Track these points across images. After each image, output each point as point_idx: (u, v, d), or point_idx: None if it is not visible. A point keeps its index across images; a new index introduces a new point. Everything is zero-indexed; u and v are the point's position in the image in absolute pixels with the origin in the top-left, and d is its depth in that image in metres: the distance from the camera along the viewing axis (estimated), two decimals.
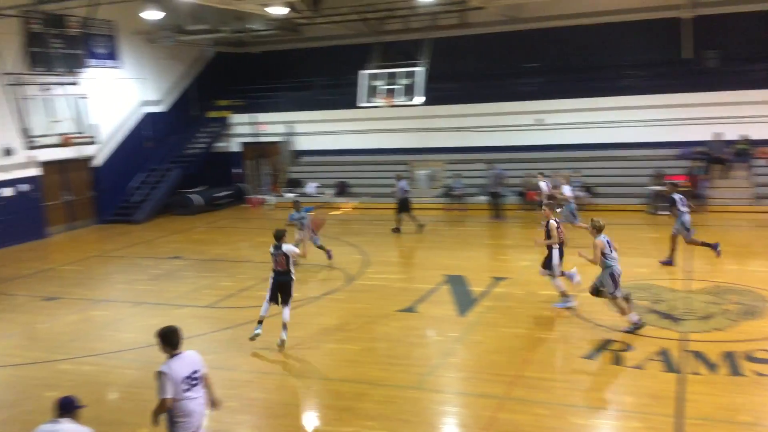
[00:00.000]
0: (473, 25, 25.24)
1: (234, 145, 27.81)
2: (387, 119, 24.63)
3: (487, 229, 19.64)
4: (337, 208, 23.95)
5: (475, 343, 10.33)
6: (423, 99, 21.53)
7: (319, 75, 27.10)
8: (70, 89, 17.16)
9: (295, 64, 28.34)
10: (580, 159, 22.71)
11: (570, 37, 24.42)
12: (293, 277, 10.47)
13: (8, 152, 19.42)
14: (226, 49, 28.57)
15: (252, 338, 10.43)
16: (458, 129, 24.38)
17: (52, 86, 17.20)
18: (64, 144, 16.95)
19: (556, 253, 11.46)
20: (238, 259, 17.08)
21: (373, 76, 22.30)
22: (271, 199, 25.19)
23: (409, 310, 12.06)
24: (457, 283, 13.57)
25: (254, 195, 26.10)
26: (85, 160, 22.38)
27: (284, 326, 10.28)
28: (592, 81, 23.18)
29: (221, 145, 27.60)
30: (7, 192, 19.66)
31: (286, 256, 10.34)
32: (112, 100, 22.94)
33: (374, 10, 22.23)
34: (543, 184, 18.56)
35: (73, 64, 18.72)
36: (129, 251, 18.37)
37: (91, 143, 18.64)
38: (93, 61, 22.25)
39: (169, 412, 6.06)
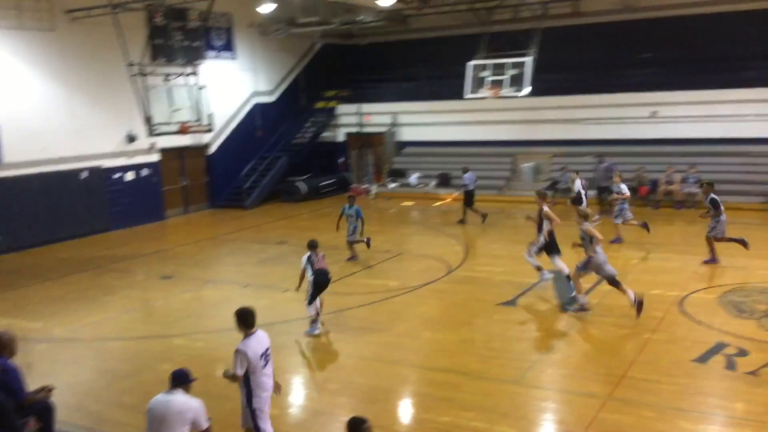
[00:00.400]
0: (587, 14, 24.48)
1: (339, 135, 28.32)
2: (492, 110, 24.32)
3: (595, 225, 19.01)
4: (439, 200, 23.93)
5: (578, 341, 10.09)
6: (529, 90, 21.11)
7: (425, 66, 27.11)
8: (189, 80, 17.98)
9: (401, 55, 28.46)
10: (697, 154, 21.61)
11: (688, 27, 23.20)
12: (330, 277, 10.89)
13: (132, 139, 20.69)
14: (335, 40, 29.09)
15: (309, 334, 10.69)
16: (567, 121, 23.76)
17: (172, 76, 18.10)
18: (183, 132, 17.81)
19: (541, 238, 12.52)
20: (341, 246, 17.39)
21: (480, 67, 22.06)
22: (373, 188, 25.48)
23: (511, 303, 11.92)
24: (561, 278, 13.26)
25: (357, 184, 26.49)
26: (200, 148, 23.50)
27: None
28: (711, 72, 21.96)
29: (327, 135, 28.17)
30: (130, 176, 20.94)
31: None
32: (226, 90, 23.91)
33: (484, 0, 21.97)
34: (578, 182, 17.80)
35: (192, 56, 19.63)
36: (239, 235, 19.11)
37: (208, 131, 19.49)
38: (210, 53, 23.33)
39: (248, 387, 6.48)
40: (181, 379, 6.10)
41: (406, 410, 8.38)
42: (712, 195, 13.65)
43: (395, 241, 17.65)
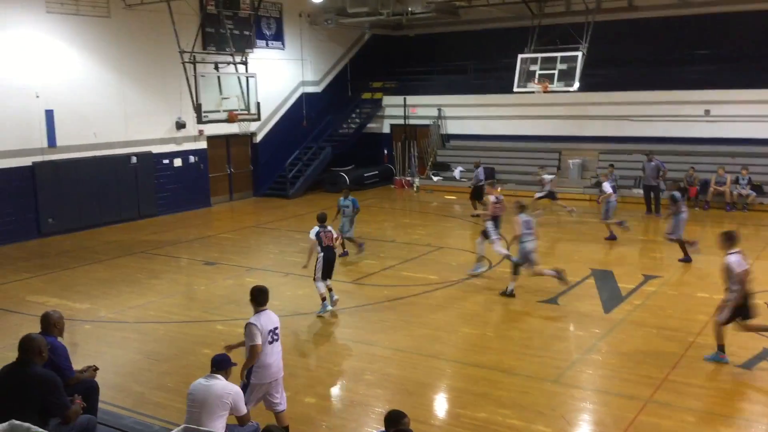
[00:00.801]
0: (641, 8, 23.93)
1: (385, 127, 28.31)
2: (539, 105, 24.04)
3: (641, 224, 18.71)
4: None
5: (619, 342, 9.93)
6: (578, 85, 20.78)
7: (473, 58, 26.89)
8: (238, 68, 18.20)
9: (448, 47, 28.29)
10: (750, 155, 21.02)
11: (744, 23, 22.50)
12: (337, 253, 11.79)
13: (181, 126, 21.05)
14: (383, 31, 29.06)
15: (320, 315, 11.18)
16: (615, 117, 23.33)
17: (222, 65, 18.33)
18: (231, 120, 18.02)
19: (489, 224, 13.27)
20: (382, 238, 17.44)
21: (530, 61, 21.77)
22: (416, 181, 25.44)
23: (551, 301, 11.80)
24: (603, 278, 13.09)
25: (401, 176, 26.47)
26: (247, 136, 23.78)
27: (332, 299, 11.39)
28: (767, 71, 21.30)
29: (372, 126, 28.20)
30: (178, 163, 21.31)
31: (332, 234, 11.43)
32: (274, 79, 24.11)
33: None
34: (547, 177, 18.00)
35: (242, 45, 19.82)
36: (281, 224, 19.30)
37: (255, 120, 19.71)
38: (260, 42, 23.56)
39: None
40: (221, 365, 6.23)
41: (441, 404, 8.38)
42: None
43: (437, 235, 17.61)
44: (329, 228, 11.39)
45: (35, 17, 17.40)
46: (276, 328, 6.95)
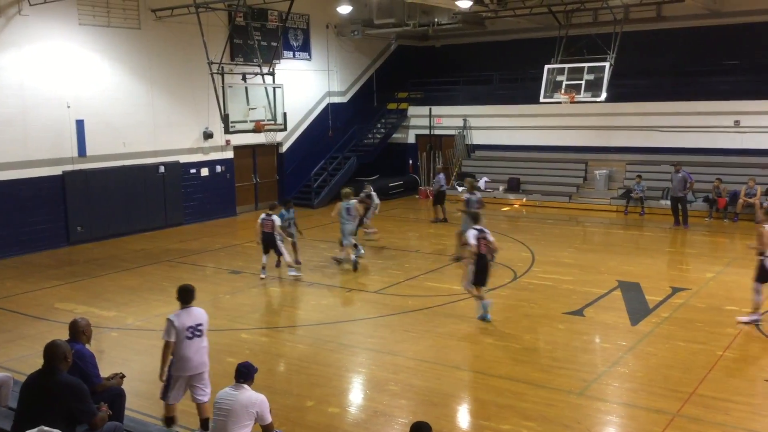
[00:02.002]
0: (670, 18, 23.73)
1: (410, 137, 28.35)
2: (566, 115, 23.90)
3: (669, 236, 18.48)
4: (507, 205, 23.68)
5: (646, 355, 9.80)
6: (605, 95, 20.65)
7: (499, 69, 26.85)
8: (266, 79, 18.38)
9: (475, 57, 28.28)
10: None
11: None
12: (276, 237, 14.06)
13: (208, 136, 21.29)
14: (409, 42, 29.17)
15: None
16: (643, 128, 23.11)
17: (250, 76, 18.52)
18: (257, 130, 18.19)
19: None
20: (407, 248, 17.43)
21: (556, 71, 21.70)
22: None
23: (577, 313, 11.69)
24: (631, 290, 12.93)
25: (426, 187, 26.46)
26: (273, 146, 23.96)
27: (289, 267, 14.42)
28: None
29: (398, 136, 28.26)
30: (205, 172, 21.54)
31: (272, 222, 13.99)
32: (300, 90, 24.30)
33: (563, 2, 21.56)
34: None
35: (269, 56, 20.03)
36: (306, 233, 19.33)
37: (282, 130, 19.87)
38: (287, 53, 23.79)
39: (172, 355, 7.23)
40: (246, 374, 6.28)
41: (465, 416, 8.33)
42: None
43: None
44: (273, 216, 14.07)
45: (68, 29, 17.76)
46: (199, 325, 7.31)
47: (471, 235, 11.23)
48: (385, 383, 8.98)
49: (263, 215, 14.27)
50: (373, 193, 17.76)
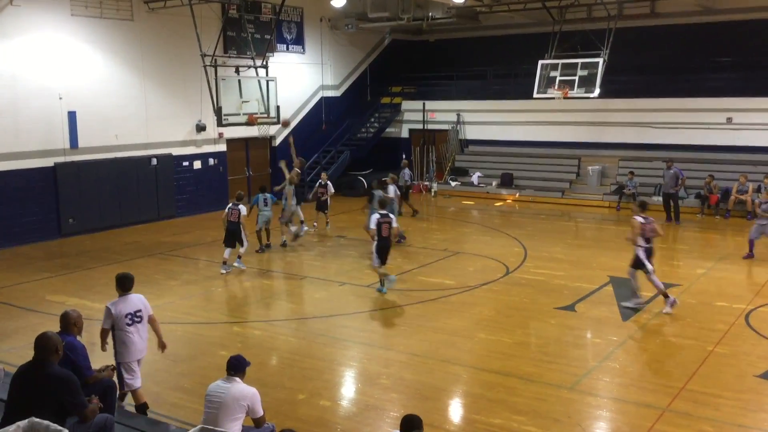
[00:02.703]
0: (663, 15, 23.78)
1: (404, 131, 28.34)
2: (559, 111, 23.92)
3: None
4: (500, 200, 23.72)
5: (637, 350, 9.85)
6: (598, 91, 20.69)
7: (492, 64, 26.85)
8: (259, 72, 18.31)
9: (468, 52, 28.26)
10: None
11: None
12: (242, 228, 14.18)
13: (201, 128, 21.22)
14: (403, 36, 29.11)
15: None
16: (636, 124, 23.18)
17: (243, 68, 18.46)
18: (251, 123, 18.15)
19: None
20: (400, 243, 17.42)
21: (550, 66, 21.73)
22: (435, 186, 25.41)
23: (568, 308, 11.73)
24: (622, 285, 12.96)
25: (419, 181, 26.46)
26: (265, 139, 23.90)
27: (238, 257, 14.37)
28: None
29: (391, 131, 28.24)
30: (197, 165, 21.48)
31: (239, 211, 14.09)
32: (293, 83, 24.22)
33: None
34: (392, 188, 17.72)
35: (263, 49, 19.95)
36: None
37: (275, 123, 19.82)
38: (280, 46, 23.71)
39: (113, 341, 7.49)
40: (238, 366, 6.26)
41: (457, 410, 8.35)
42: None
43: (454, 240, 17.59)
44: (240, 206, 14.23)
45: (60, 20, 17.64)
46: (138, 311, 7.49)
47: (373, 220, 12.50)
48: (376, 377, 9.00)
49: (230, 204, 14.48)
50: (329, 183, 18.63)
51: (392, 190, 17.50)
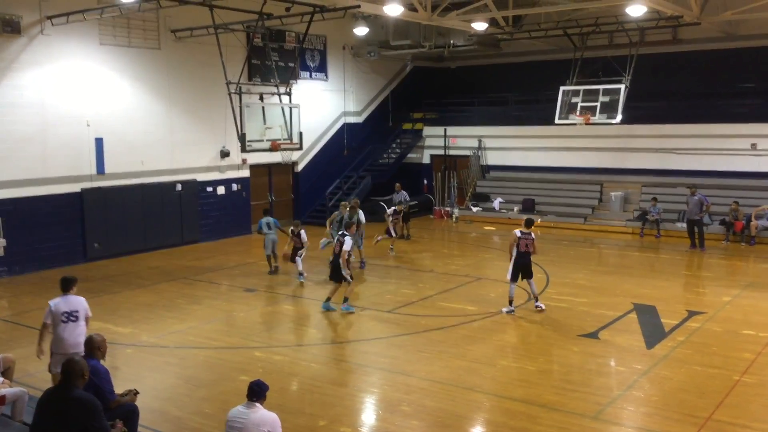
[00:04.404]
0: (685, 41, 23.75)
1: (425, 157, 28.44)
2: (581, 137, 23.88)
3: (685, 259, 18.36)
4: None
5: (662, 379, 9.71)
6: (620, 117, 20.65)
7: (514, 90, 26.95)
8: (283, 99, 18.55)
9: (490, 78, 28.40)
10: None
11: None
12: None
13: (225, 154, 21.49)
14: (425, 63, 29.35)
15: None
16: (659, 150, 23.05)
17: (267, 95, 18.71)
18: (274, 149, 18.36)
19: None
20: (421, 268, 17.43)
21: (571, 93, 21.75)
22: (456, 211, 25.39)
23: (592, 336, 11.61)
24: (646, 312, 12.84)
25: (440, 207, 26.48)
26: (288, 165, 24.12)
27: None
28: None
29: (413, 156, 28.36)
30: (221, 190, 21.71)
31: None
32: (316, 109, 24.49)
33: (579, 25, 21.68)
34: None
35: (286, 76, 20.22)
36: (320, 252, 19.38)
37: (297, 149, 20.02)
38: (304, 73, 24.02)
39: (52, 335, 8.36)
40: (259, 392, 6.28)
41: None
42: None
43: (475, 266, 17.53)
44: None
45: (89, 49, 18.06)
46: (74, 311, 8.34)
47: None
48: (397, 404, 8.95)
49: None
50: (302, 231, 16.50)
51: (361, 215, 17.72)
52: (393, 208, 19.83)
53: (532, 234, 12.87)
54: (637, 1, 17.01)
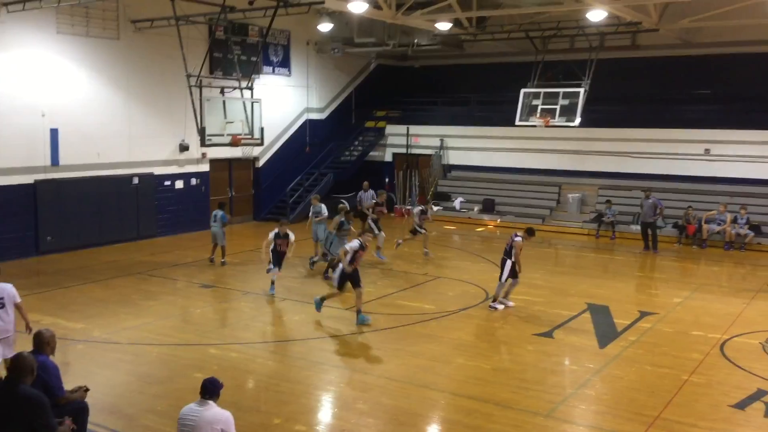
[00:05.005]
0: (644, 47, 24.23)
1: (387, 155, 28.48)
2: (540, 139, 24.21)
3: (638, 260, 18.75)
4: (482, 225, 23.83)
5: (613, 378, 9.90)
6: (579, 120, 20.99)
7: (476, 91, 27.16)
8: (244, 93, 18.37)
9: (453, 78, 28.57)
10: (748, 195, 21.10)
11: (746, 65, 22.70)
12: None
13: (184, 148, 21.20)
14: (389, 61, 29.38)
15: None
16: (616, 154, 23.48)
17: (228, 90, 18.50)
18: (234, 144, 18.17)
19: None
20: (380, 265, 17.44)
21: (532, 95, 22.03)
22: (416, 210, 25.39)
23: (546, 335, 11.78)
24: (599, 312, 13.08)
25: (401, 205, 26.54)
26: (249, 161, 23.92)
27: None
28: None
29: (375, 154, 28.37)
30: (180, 184, 21.42)
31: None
32: (278, 105, 24.33)
33: (541, 28, 21.96)
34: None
35: (249, 70, 20.01)
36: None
37: (259, 145, 19.85)
38: (266, 68, 23.83)
39: None
40: (212, 390, 6.20)
41: None
42: None
43: (434, 265, 17.63)
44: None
45: (46, 37, 17.63)
46: (1, 298, 8.52)
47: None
48: (353, 401, 8.96)
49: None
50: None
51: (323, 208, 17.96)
52: (420, 207, 19.53)
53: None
54: (597, 7, 17.30)
